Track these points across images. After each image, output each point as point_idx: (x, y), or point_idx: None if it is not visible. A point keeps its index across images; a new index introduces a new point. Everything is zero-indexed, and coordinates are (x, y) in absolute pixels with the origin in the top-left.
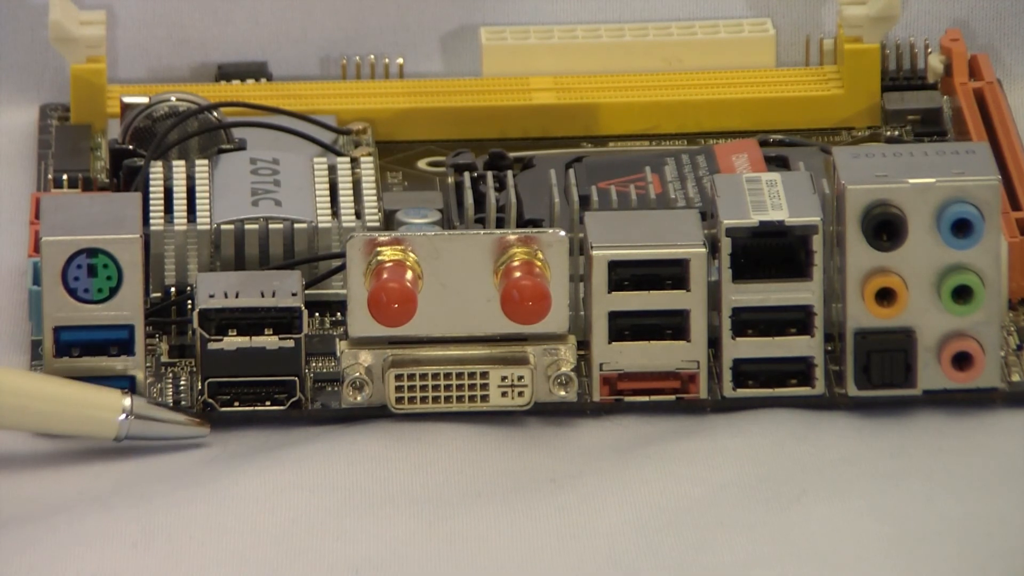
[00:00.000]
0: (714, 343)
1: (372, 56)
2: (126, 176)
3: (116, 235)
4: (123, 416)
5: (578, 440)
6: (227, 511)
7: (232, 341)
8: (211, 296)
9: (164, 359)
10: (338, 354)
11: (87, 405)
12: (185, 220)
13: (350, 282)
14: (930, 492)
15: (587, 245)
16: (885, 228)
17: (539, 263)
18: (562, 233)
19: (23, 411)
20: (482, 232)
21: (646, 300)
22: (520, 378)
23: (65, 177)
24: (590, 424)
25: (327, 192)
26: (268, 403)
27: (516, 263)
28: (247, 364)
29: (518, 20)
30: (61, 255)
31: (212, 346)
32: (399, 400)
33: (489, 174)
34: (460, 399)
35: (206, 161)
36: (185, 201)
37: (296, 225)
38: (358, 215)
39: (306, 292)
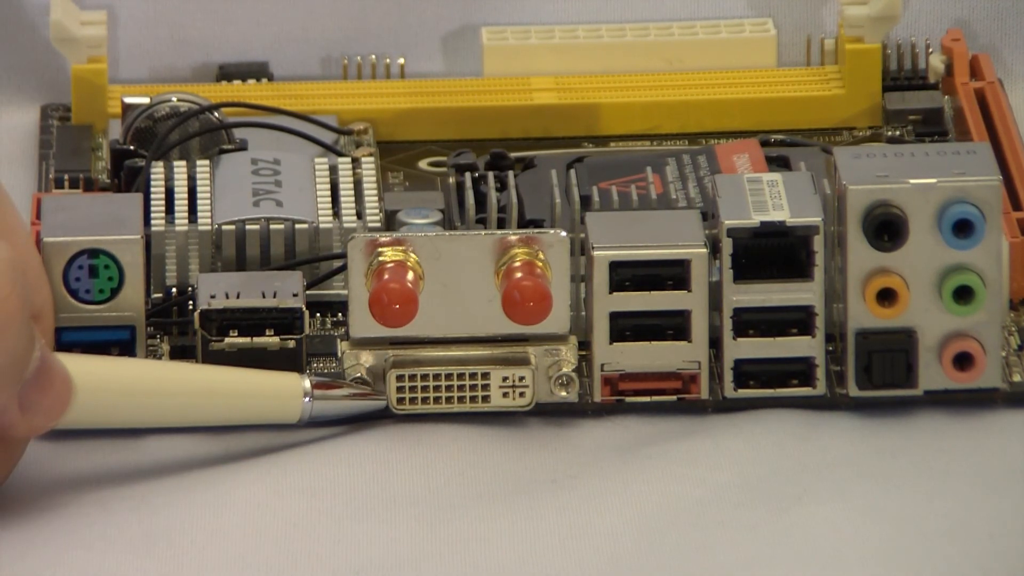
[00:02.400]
0: (715, 343)
1: (373, 56)
2: (127, 176)
3: (117, 236)
4: (307, 399)
5: (579, 441)
6: (228, 514)
7: (233, 342)
8: (212, 297)
9: (166, 360)
10: (339, 355)
11: (268, 394)
12: (186, 221)
13: (351, 283)
14: (930, 492)
15: (588, 245)
16: (886, 228)
17: (540, 263)
18: (563, 233)
19: (200, 407)
20: (483, 232)
21: (647, 300)
22: (521, 379)
23: (66, 177)
24: (591, 425)
25: (328, 192)
26: None
27: (517, 263)
28: (248, 365)
29: (519, 20)
30: (62, 256)
31: (213, 347)
32: (400, 401)
33: (490, 174)
34: (461, 400)
35: (207, 161)
36: (186, 201)
37: (297, 225)
38: (359, 215)
39: (307, 293)
